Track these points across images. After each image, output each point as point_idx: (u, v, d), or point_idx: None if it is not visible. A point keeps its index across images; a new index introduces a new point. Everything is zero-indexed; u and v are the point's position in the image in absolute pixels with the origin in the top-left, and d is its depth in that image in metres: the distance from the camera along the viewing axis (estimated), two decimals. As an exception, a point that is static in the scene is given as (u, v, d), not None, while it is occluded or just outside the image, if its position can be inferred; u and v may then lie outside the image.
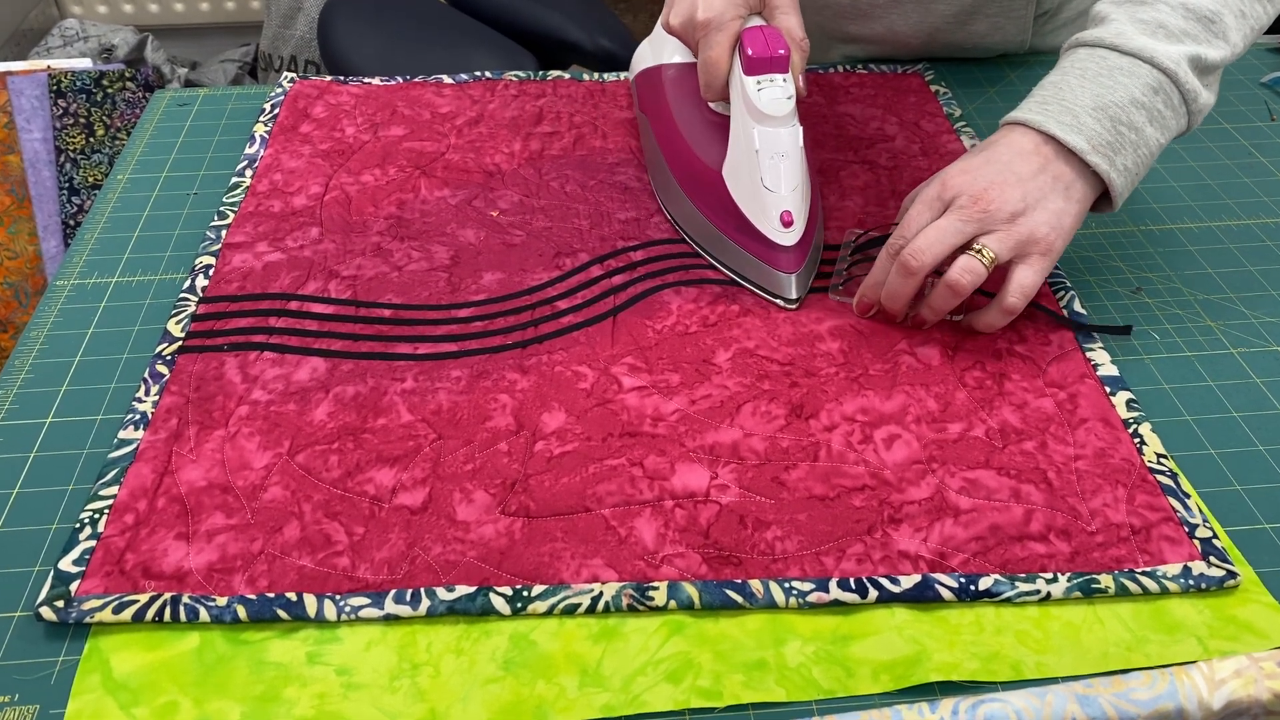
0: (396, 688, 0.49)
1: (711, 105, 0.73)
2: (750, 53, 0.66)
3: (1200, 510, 0.56)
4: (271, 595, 0.52)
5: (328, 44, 1.48)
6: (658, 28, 0.79)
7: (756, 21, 0.69)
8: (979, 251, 0.61)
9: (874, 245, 0.72)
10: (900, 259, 0.62)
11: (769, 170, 0.67)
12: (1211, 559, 0.54)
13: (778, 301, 0.69)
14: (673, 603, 0.52)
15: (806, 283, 0.69)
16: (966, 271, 0.61)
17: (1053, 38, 0.98)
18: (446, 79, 0.93)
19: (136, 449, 0.59)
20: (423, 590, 0.52)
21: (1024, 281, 0.62)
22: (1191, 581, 0.53)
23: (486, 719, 0.48)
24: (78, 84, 1.41)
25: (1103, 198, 0.64)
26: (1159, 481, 0.57)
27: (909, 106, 0.89)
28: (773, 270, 0.68)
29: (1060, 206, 0.62)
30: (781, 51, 0.66)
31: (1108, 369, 0.64)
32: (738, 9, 0.68)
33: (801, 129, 0.68)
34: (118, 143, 1.42)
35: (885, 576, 0.53)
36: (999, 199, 0.61)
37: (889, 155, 0.83)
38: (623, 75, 0.94)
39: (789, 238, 0.67)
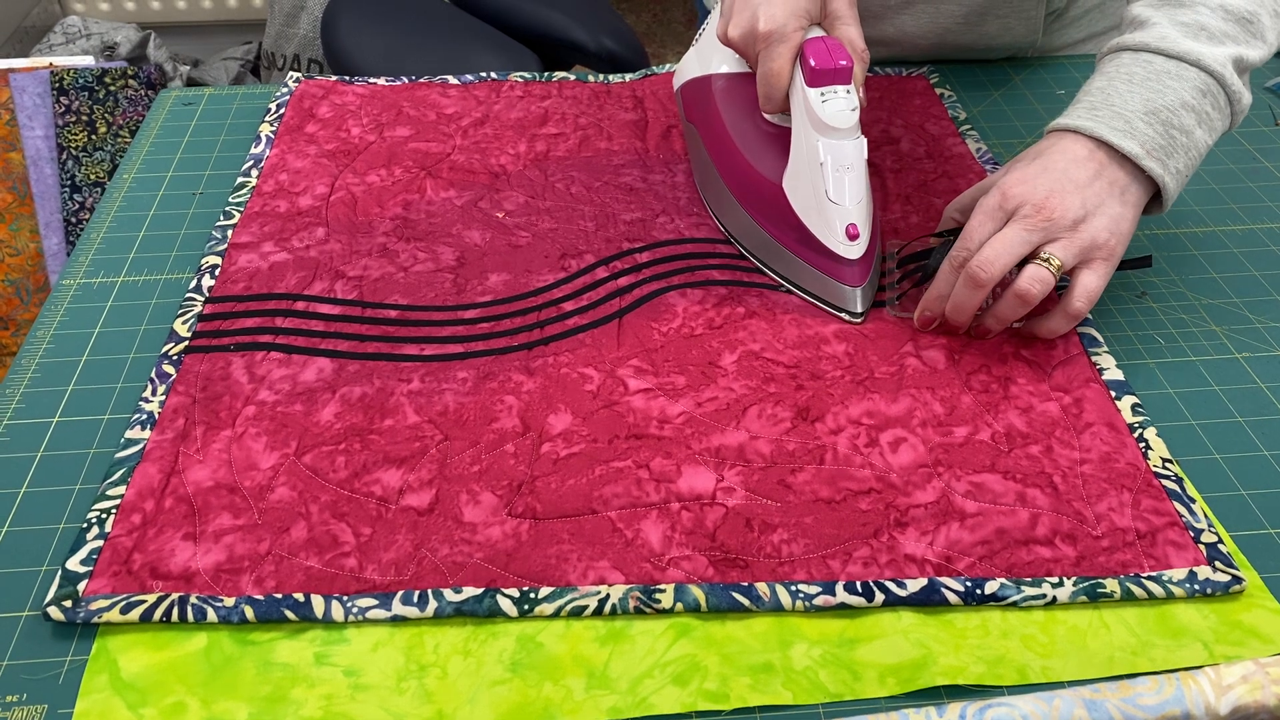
0: (404, 689, 0.49)
1: (767, 116, 0.72)
2: (813, 64, 0.65)
3: (1206, 515, 0.56)
4: (279, 596, 0.52)
5: (331, 43, 1.48)
6: (705, 37, 0.78)
7: (817, 32, 0.68)
8: (1046, 260, 0.61)
9: (918, 258, 0.72)
10: (968, 271, 0.62)
11: (834, 183, 0.66)
12: (1217, 564, 0.54)
13: (842, 315, 0.68)
14: (679, 605, 0.52)
15: (871, 296, 0.69)
16: (1036, 281, 0.61)
17: (1060, 37, 0.98)
18: (452, 80, 0.93)
19: (143, 449, 0.59)
20: (430, 591, 0.52)
21: (1089, 286, 0.62)
22: (1197, 586, 0.53)
23: (494, 721, 0.48)
24: (80, 81, 1.41)
25: (1152, 200, 0.65)
26: (1164, 486, 0.58)
27: (914, 110, 0.89)
28: (837, 284, 0.68)
29: (1118, 211, 0.62)
30: (844, 63, 0.65)
31: (1113, 373, 0.64)
32: (799, 20, 0.67)
33: (865, 140, 0.67)
34: (120, 140, 1.42)
35: (891, 580, 0.53)
36: (1060, 207, 0.61)
37: (894, 158, 0.83)
38: (628, 76, 0.95)
39: (854, 251, 0.67)
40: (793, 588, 0.52)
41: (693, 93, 0.79)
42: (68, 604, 0.51)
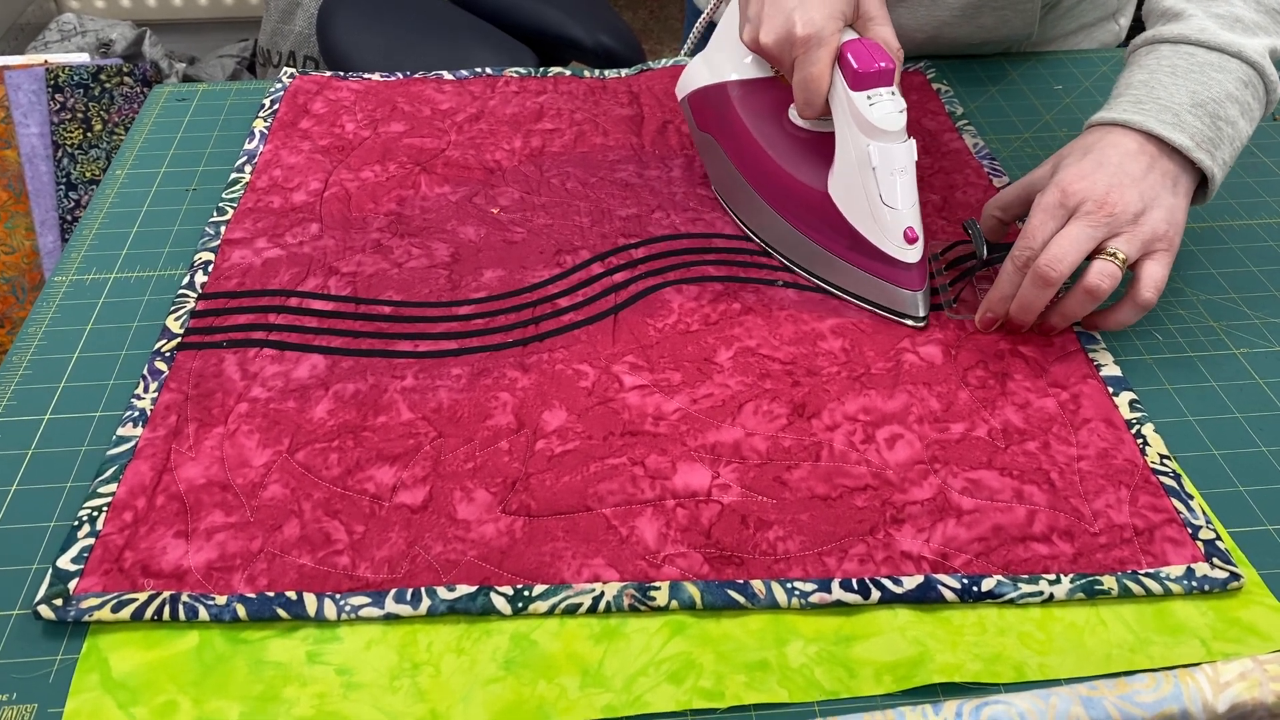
0: (397, 687, 0.49)
1: (797, 122, 0.71)
2: (856, 67, 0.63)
3: (1203, 511, 0.56)
4: (271, 594, 0.52)
5: (327, 39, 1.47)
6: (716, 44, 0.76)
7: (851, 34, 0.67)
8: (1112, 255, 0.61)
9: (966, 259, 0.71)
10: (1036, 270, 0.62)
11: (887, 187, 0.64)
12: (1215, 561, 0.53)
13: (905, 322, 0.67)
14: (674, 603, 0.52)
15: (929, 299, 0.68)
16: (1106, 276, 0.61)
17: (1053, 29, 0.98)
18: (447, 75, 0.93)
19: (135, 446, 0.59)
20: (423, 589, 0.52)
21: (1155, 276, 0.63)
22: (1195, 583, 0.52)
23: (487, 719, 0.48)
24: (75, 79, 1.40)
25: (1196, 189, 0.65)
26: (1162, 482, 0.57)
27: (911, 105, 0.88)
28: (897, 289, 0.66)
29: (1172, 202, 0.63)
30: (884, 64, 0.63)
31: (1110, 369, 0.64)
32: (836, 22, 0.65)
33: (914, 141, 0.66)
34: (115, 138, 1.41)
35: (888, 577, 0.53)
36: (1121, 202, 0.61)
37: (891, 154, 0.83)
38: (623, 72, 0.94)
39: (913, 254, 0.65)
40: (788, 585, 0.52)
41: (705, 102, 0.76)
42: (58, 602, 0.51)
